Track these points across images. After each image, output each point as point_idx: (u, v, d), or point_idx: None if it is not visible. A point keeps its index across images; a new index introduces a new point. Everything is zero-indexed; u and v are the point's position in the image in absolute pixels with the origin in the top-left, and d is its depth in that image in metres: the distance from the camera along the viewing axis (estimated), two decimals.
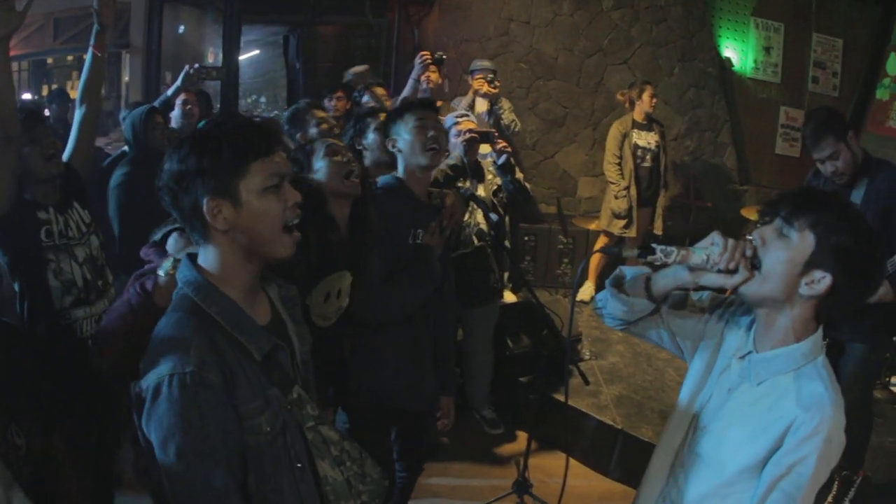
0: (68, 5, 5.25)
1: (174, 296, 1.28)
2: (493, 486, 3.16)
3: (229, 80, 5.48)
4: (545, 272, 5.58)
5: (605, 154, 4.99)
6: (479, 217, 3.31)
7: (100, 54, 2.53)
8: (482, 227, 3.33)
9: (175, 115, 3.95)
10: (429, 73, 3.50)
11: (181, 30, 6.05)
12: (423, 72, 3.45)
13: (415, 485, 2.62)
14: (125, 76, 5.73)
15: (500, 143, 3.40)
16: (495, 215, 3.05)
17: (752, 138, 5.87)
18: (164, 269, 1.46)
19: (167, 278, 1.45)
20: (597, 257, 5.02)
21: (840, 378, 1.34)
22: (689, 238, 4.95)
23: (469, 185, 3.21)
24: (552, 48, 5.53)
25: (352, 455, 1.44)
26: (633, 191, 4.88)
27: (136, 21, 5.38)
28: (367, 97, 3.85)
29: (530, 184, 4.79)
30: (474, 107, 4.48)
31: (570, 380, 3.09)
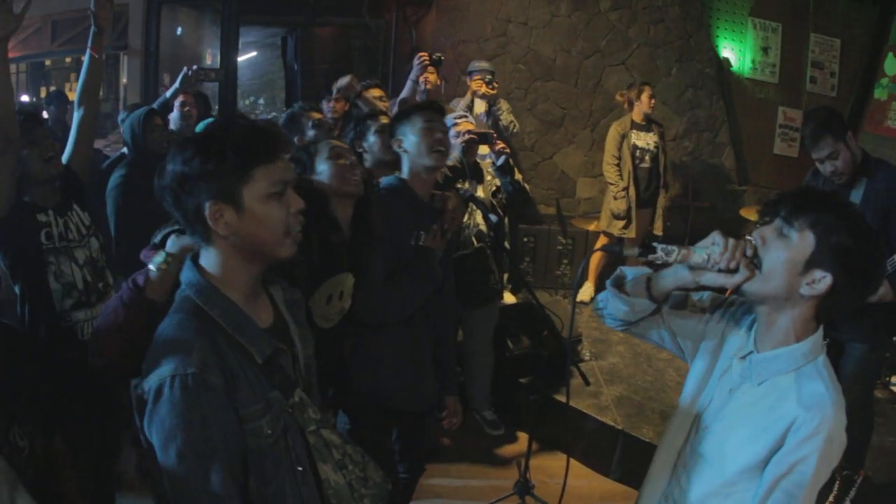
0: (66, 7, 5.25)
1: (177, 296, 1.28)
2: (495, 487, 3.16)
3: (227, 81, 5.50)
4: (545, 273, 5.59)
5: (604, 155, 5.00)
6: (479, 218, 3.31)
7: (97, 56, 2.53)
8: (482, 228, 3.33)
9: (173, 116, 3.95)
10: (427, 74, 3.50)
11: (179, 31, 6.04)
12: (421, 73, 3.45)
13: (416, 485, 2.63)
14: (123, 78, 5.74)
15: (499, 145, 3.39)
16: (495, 216, 3.04)
17: (750, 138, 5.88)
18: (155, 264, 1.45)
19: (158, 273, 1.44)
20: (596, 258, 5.03)
21: (840, 378, 1.34)
22: (688, 239, 4.97)
23: (468, 186, 3.21)
24: (550, 49, 5.54)
25: (354, 459, 1.44)
26: (631, 191, 4.89)
27: (135, 23, 5.39)
28: (360, 104, 3.84)
29: (529, 185, 4.79)
30: (473, 108, 4.48)
31: (571, 380, 3.09)
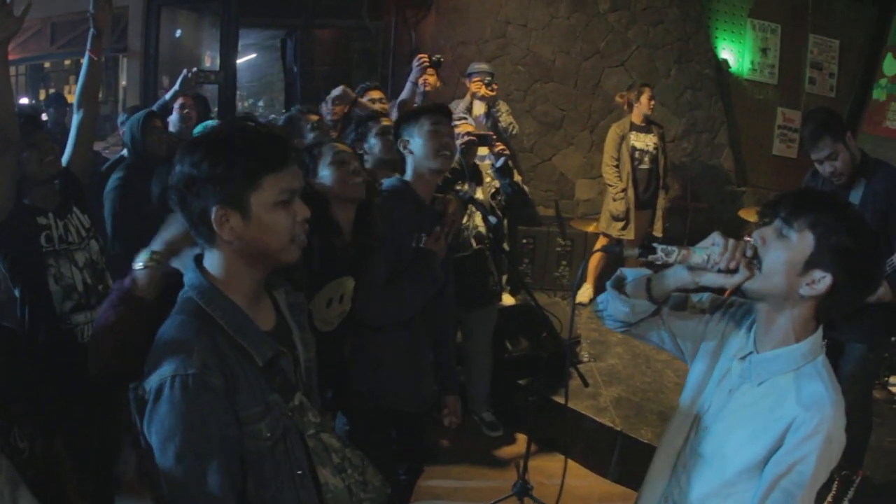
0: (66, 10, 5.26)
1: (179, 297, 1.27)
2: (493, 488, 3.16)
3: (227, 83, 5.50)
4: (543, 274, 5.59)
5: (603, 156, 5.00)
6: (478, 220, 3.31)
7: (96, 58, 2.53)
8: (481, 229, 3.34)
9: (173, 119, 3.94)
10: (427, 75, 3.50)
11: (179, 34, 6.04)
12: (420, 74, 3.45)
13: (415, 487, 2.63)
14: (123, 80, 5.74)
15: (498, 146, 3.40)
16: (494, 218, 3.05)
17: (749, 139, 5.89)
18: (140, 261, 1.44)
19: (144, 270, 1.43)
20: (595, 259, 5.02)
21: (839, 378, 1.35)
22: (687, 240, 4.97)
23: (467, 188, 3.22)
24: (549, 51, 5.54)
25: (353, 463, 1.44)
26: (630, 193, 4.89)
27: (134, 25, 5.39)
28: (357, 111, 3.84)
29: (528, 186, 4.81)
30: (472, 109, 4.49)
31: (570, 382, 3.10)
